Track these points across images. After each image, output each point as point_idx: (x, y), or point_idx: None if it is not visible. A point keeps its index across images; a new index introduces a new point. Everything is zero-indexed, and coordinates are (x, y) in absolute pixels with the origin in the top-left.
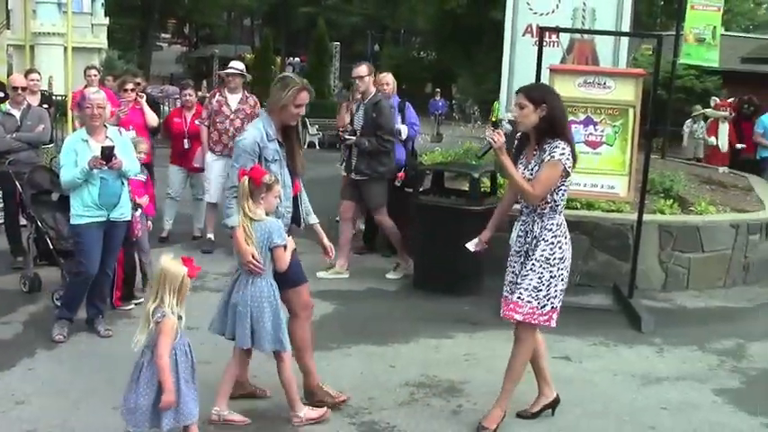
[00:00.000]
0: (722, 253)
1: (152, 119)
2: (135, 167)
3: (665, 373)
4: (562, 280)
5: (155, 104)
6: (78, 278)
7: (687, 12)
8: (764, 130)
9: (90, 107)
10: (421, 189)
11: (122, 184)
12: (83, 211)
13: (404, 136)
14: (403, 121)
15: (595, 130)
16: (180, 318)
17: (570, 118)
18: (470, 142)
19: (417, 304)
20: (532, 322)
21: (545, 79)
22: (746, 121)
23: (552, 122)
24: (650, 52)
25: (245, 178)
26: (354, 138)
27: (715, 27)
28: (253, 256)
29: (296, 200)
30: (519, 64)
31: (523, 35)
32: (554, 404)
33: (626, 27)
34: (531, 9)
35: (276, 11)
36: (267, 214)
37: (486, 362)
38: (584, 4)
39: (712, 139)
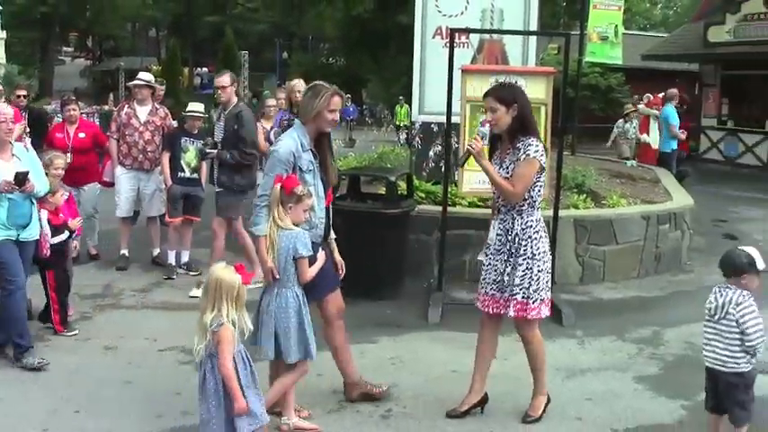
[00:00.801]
0: (635, 244)
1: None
2: (45, 186)
3: (587, 365)
4: (548, 272)
5: (39, 120)
6: (12, 297)
7: (590, 11)
8: (666, 123)
9: (4, 120)
10: (337, 195)
11: (32, 203)
12: None
13: None
14: None
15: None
16: (235, 325)
17: (482, 117)
18: (383, 146)
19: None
20: (528, 318)
21: (457, 80)
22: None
23: (524, 121)
24: (556, 52)
25: (278, 186)
26: (215, 151)
27: (617, 26)
28: (271, 269)
29: (328, 210)
30: (430, 66)
31: (433, 37)
32: (483, 402)
33: (533, 27)
34: (440, 11)
35: (181, 21)
36: (296, 226)
37: (411, 365)
38: (493, 5)
39: (644, 137)
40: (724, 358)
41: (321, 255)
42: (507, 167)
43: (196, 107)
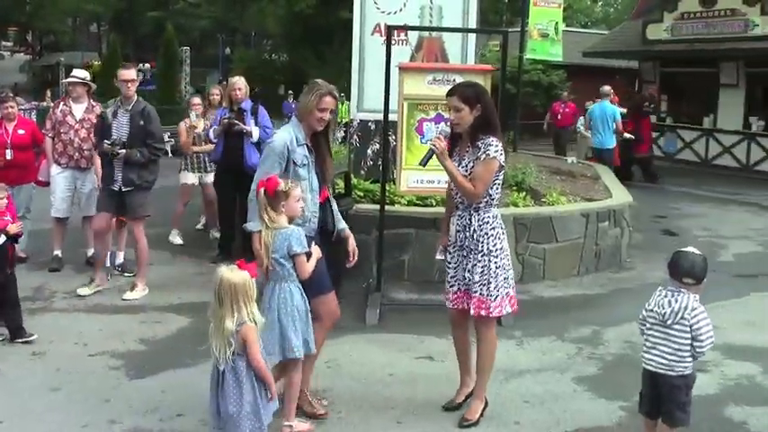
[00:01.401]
0: (575, 242)
1: None
2: None
3: (526, 366)
4: (506, 269)
5: None
6: None
7: (530, 8)
8: (590, 118)
9: None
10: None
11: None
12: None
13: (255, 139)
14: (256, 124)
15: (447, 126)
16: (256, 322)
17: (420, 116)
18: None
19: None
20: (490, 315)
21: (394, 77)
22: (644, 118)
23: (487, 120)
24: (498, 48)
25: (262, 190)
26: (125, 151)
27: (557, 23)
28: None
29: (325, 206)
30: (369, 63)
31: (372, 34)
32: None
33: (473, 24)
34: (378, 8)
35: (123, 16)
36: (292, 220)
37: (347, 368)
38: (431, 1)
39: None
40: (672, 363)
41: (316, 249)
42: (466, 166)
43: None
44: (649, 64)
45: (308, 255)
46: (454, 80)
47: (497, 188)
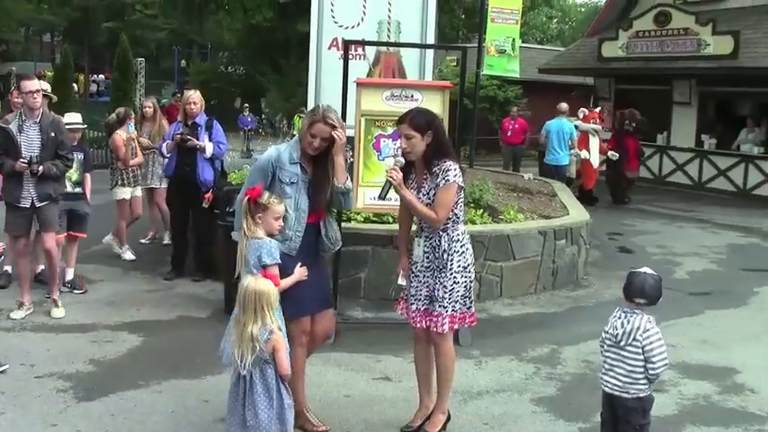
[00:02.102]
0: (532, 260)
1: None
2: None
3: (484, 387)
4: (470, 284)
5: None
6: None
7: (488, 25)
8: (547, 134)
9: None
10: (229, 210)
11: None
12: None
13: (208, 154)
14: (210, 140)
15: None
16: (281, 329)
17: (378, 132)
18: None
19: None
20: (452, 329)
21: (351, 93)
22: (629, 137)
23: (439, 145)
24: (455, 64)
25: (246, 198)
26: (45, 166)
27: (514, 39)
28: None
29: (317, 227)
30: (325, 78)
31: (329, 48)
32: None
33: (431, 39)
34: (336, 22)
35: (77, 26)
36: (271, 236)
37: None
38: (389, 16)
39: (584, 153)
40: (626, 385)
41: (300, 270)
42: (428, 193)
43: (74, 119)
44: (605, 81)
45: (286, 273)
46: (412, 96)
47: (461, 207)
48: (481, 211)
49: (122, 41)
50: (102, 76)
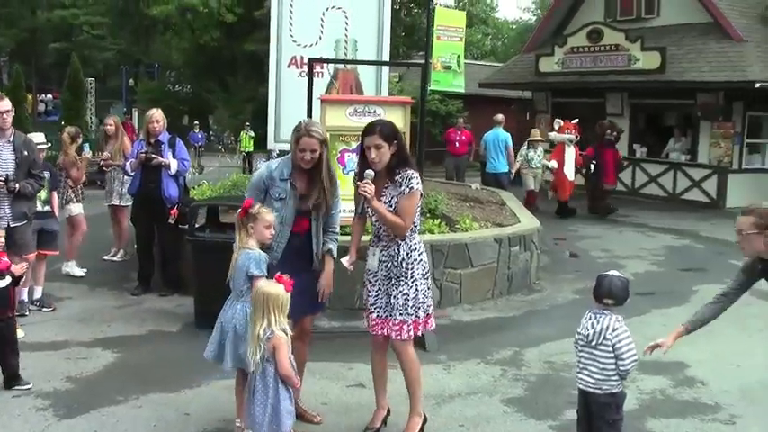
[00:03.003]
0: (489, 266)
1: None
2: None
3: (455, 390)
4: (427, 291)
5: None
6: None
7: (434, 42)
8: (485, 145)
9: None
10: (197, 226)
11: None
12: None
13: (173, 171)
14: (174, 157)
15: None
16: (285, 332)
17: (342, 147)
18: (236, 173)
19: (202, 345)
20: (411, 337)
21: (316, 109)
22: (608, 148)
23: (403, 154)
24: (398, 80)
25: (239, 210)
26: (20, 184)
27: (459, 56)
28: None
29: (303, 237)
30: (285, 95)
31: (288, 66)
32: (388, 415)
33: (386, 57)
34: (294, 41)
35: (25, 47)
36: (263, 245)
37: None
38: (347, 35)
39: (552, 162)
40: (599, 381)
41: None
42: (389, 202)
43: (39, 138)
44: (542, 94)
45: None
46: (374, 111)
47: (418, 215)
48: (438, 220)
49: (73, 62)
50: (49, 96)
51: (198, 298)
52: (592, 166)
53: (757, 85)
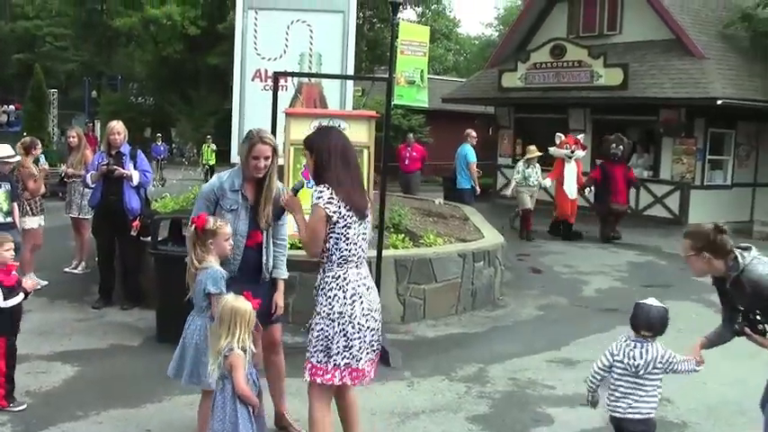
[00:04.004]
0: (453, 282)
1: None
2: None
3: (420, 407)
4: (345, 336)
5: None
6: None
7: (397, 56)
8: (464, 160)
9: None
10: (159, 239)
11: None
12: None
13: (135, 182)
14: (135, 168)
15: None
16: (245, 350)
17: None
18: (198, 186)
19: (164, 359)
20: (315, 380)
21: (281, 122)
22: (616, 165)
23: (317, 168)
24: (360, 94)
25: (192, 227)
26: None
27: (423, 70)
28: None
29: (256, 250)
30: (249, 108)
31: (252, 80)
32: None
33: (350, 71)
34: (258, 54)
35: None
36: (223, 258)
37: None
38: (311, 49)
39: (547, 181)
40: (643, 408)
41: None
42: None
43: (6, 151)
44: (505, 109)
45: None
46: (339, 126)
47: (335, 243)
48: (402, 235)
49: (36, 73)
50: (12, 107)
51: (160, 312)
52: (589, 189)
53: (719, 102)
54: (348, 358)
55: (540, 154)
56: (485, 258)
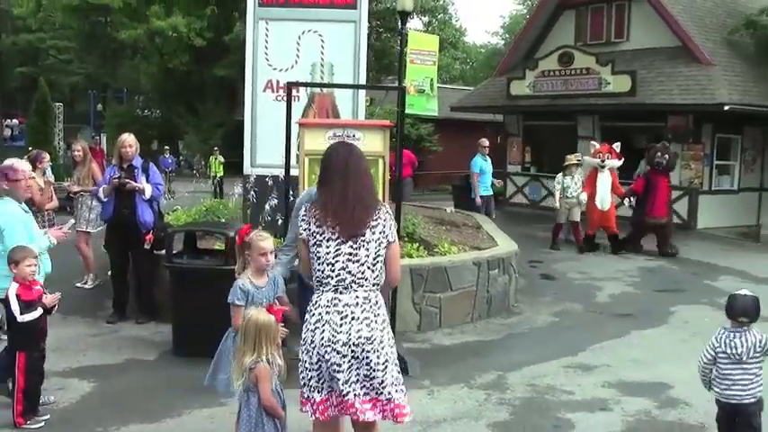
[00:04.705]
0: (468, 290)
1: None
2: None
3: (441, 415)
4: (303, 366)
5: None
6: None
7: (407, 66)
8: (480, 170)
9: (23, 178)
10: (174, 252)
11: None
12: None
13: (147, 196)
14: (147, 181)
15: None
16: (270, 362)
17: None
18: (210, 198)
19: (181, 373)
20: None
21: (294, 133)
22: (660, 175)
23: (317, 183)
24: (368, 103)
25: (237, 237)
26: None
27: (432, 79)
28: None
29: None
30: (261, 119)
31: (264, 90)
32: None
33: (362, 80)
34: (270, 65)
35: None
36: (262, 272)
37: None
38: (323, 59)
39: (583, 196)
40: (754, 391)
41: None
42: None
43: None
44: (513, 117)
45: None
46: (354, 135)
47: (311, 263)
48: (416, 244)
49: (41, 86)
50: (15, 121)
51: (176, 325)
52: (629, 200)
53: (726, 108)
54: (308, 391)
55: (577, 162)
56: (499, 266)
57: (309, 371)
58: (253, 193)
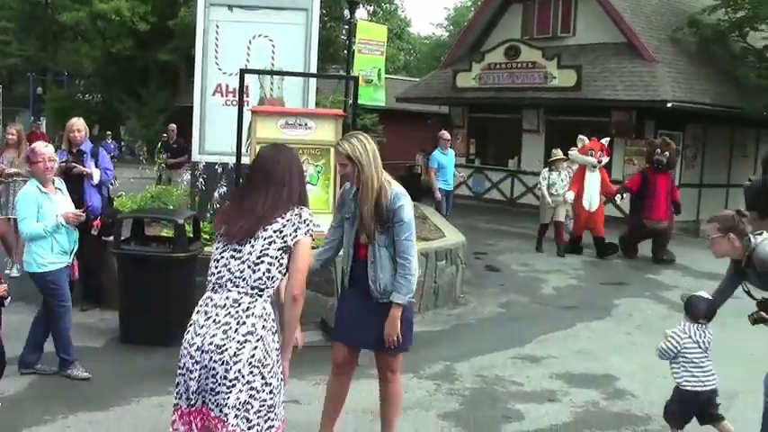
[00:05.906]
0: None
1: None
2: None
3: None
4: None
5: None
6: (63, 317)
7: (355, 55)
8: (437, 166)
9: (42, 161)
10: (121, 238)
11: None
12: (54, 258)
13: (95, 181)
14: (96, 166)
15: None
16: None
17: None
18: (154, 185)
19: (129, 361)
20: None
21: (246, 120)
22: (659, 173)
23: None
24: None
25: None
26: None
27: (380, 69)
28: None
29: (364, 263)
30: (209, 123)
31: (213, 95)
32: None
33: (313, 83)
34: (220, 69)
35: None
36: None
37: None
38: (273, 63)
39: (569, 195)
40: (714, 379)
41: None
42: None
43: None
44: (459, 109)
45: None
46: (306, 124)
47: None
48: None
49: None
50: None
51: (123, 312)
52: (620, 197)
53: (669, 105)
54: (176, 397)
55: (563, 157)
56: (447, 257)
57: (177, 375)
58: (201, 180)
